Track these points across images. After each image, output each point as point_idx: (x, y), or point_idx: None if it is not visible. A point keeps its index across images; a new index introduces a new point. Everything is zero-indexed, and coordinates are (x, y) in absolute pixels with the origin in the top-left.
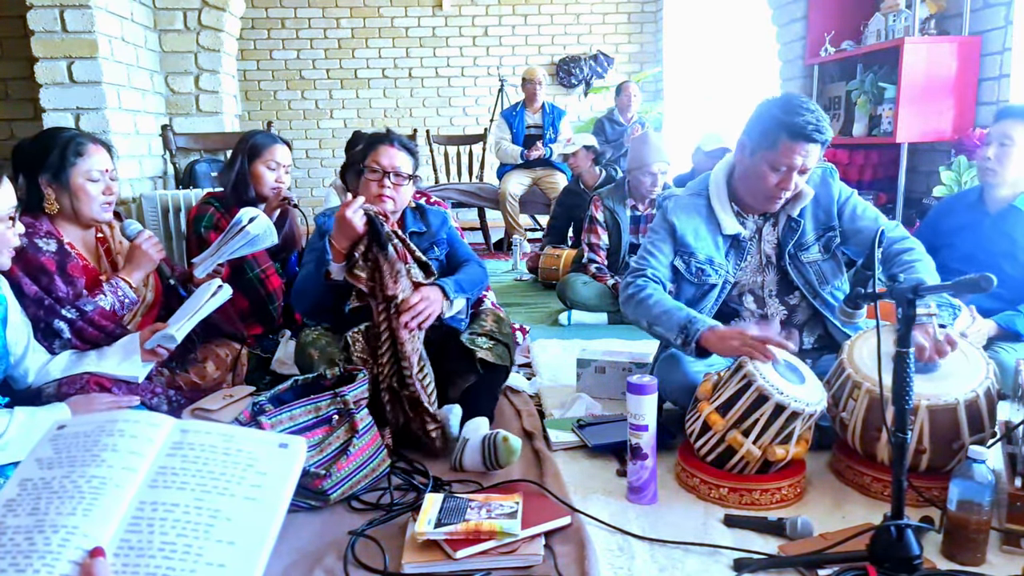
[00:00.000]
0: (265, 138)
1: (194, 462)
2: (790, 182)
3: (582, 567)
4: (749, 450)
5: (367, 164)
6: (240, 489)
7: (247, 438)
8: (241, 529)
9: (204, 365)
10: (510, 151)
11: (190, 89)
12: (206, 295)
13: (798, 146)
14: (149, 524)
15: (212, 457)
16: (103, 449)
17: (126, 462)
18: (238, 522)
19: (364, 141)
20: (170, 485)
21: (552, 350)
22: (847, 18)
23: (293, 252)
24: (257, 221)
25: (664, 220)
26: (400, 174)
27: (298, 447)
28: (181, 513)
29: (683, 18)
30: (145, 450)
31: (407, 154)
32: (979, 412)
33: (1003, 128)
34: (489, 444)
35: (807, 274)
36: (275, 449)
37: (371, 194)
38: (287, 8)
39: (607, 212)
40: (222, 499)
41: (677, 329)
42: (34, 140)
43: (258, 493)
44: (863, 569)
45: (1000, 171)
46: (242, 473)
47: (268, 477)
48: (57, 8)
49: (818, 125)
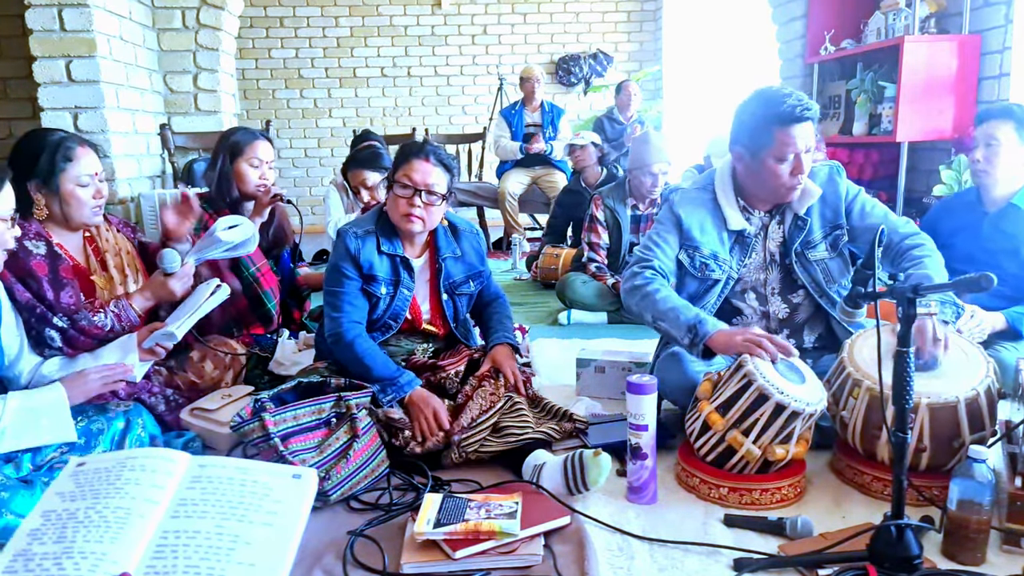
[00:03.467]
0: (245, 135)
1: (212, 493)
2: (802, 165)
3: (582, 567)
4: (749, 450)
5: (398, 178)
6: (257, 516)
7: (262, 470)
8: (260, 553)
9: (202, 364)
10: (509, 147)
11: (188, 88)
12: (205, 294)
13: (792, 129)
14: (173, 550)
15: (229, 488)
16: (125, 483)
17: (148, 494)
18: (257, 546)
19: (396, 155)
20: (191, 515)
21: (551, 350)
22: (847, 17)
23: (284, 248)
24: (237, 228)
25: (671, 212)
26: (433, 192)
27: (310, 477)
28: (203, 539)
29: (683, 16)
30: (165, 483)
31: (443, 170)
32: (979, 410)
33: (986, 130)
34: (573, 463)
35: (814, 272)
36: (289, 479)
37: (399, 212)
38: (286, 7)
39: (608, 211)
40: (240, 525)
41: (685, 329)
42: (21, 144)
43: (274, 519)
44: (863, 569)
45: (991, 171)
46: (259, 502)
47: (283, 504)
48: (55, 7)
49: (802, 103)
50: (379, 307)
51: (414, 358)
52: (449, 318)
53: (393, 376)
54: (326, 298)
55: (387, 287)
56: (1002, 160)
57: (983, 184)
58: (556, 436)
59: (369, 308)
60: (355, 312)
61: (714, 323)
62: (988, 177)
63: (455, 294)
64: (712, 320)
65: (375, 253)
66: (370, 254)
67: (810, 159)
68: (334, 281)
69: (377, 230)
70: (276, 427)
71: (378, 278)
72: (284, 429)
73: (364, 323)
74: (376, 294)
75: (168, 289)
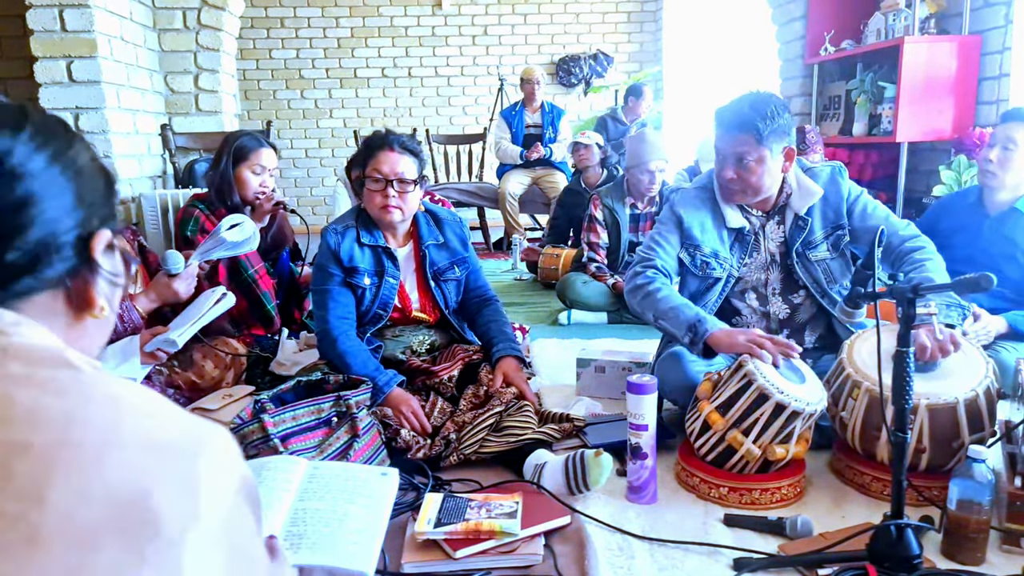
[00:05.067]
0: (251, 141)
1: (325, 484)
2: (729, 171)
3: (582, 567)
4: (749, 449)
5: (368, 173)
6: (359, 500)
7: (360, 470)
8: (363, 525)
9: (203, 364)
10: (510, 151)
11: (189, 88)
12: (209, 302)
13: (721, 132)
14: (303, 521)
15: (337, 481)
16: (264, 480)
17: (281, 486)
18: (360, 520)
19: (360, 151)
20: (312, 498)
21: (552, 350)
22: (847, 17)
23: (284, 250)
24: (239, 227)
25: (671, 212)
26: (404, 180)
27: (394, 475)
28: (322, 514)
29: (683, 17)
30: (292, 478)
31: (410, 156)
32: (979, 411)
33: (1008, 131)
34: (575, 463)
35: (815, 272)
36: (379, 476)
37: (375, 205)
38: (286, 7)
39: (606, 211)
40: (348, 506)
41: (685, 327)
42: None
43: (370, 503)
44: (863, 569)
45: (1001, 174)
46: (359, 489)
47: (376, 493)
48: (56, 7)
49: (737, 112)
50: (365, 299)
51: (410, 360)
52: (440, 304)
53: (372, 376)
54: (313, 296)
55: (371, 278)
56: (1015, 164)
57: (988, 186)
58: (557, 436)
59: (356, 301)
60: (340, 308)
61: (714, 322)
62: (995, 179)
63: (441, 280)
64: (712, 319)
65: (355, 246)
66: (350, 247)
67: (750, 175)
68: (319, 280)
69: (357, 224)
70: (275, 428)
71: (360, 269)
72: (284, 430)
73: (351, 319)
74: (360, 285)
75: (172, 290)
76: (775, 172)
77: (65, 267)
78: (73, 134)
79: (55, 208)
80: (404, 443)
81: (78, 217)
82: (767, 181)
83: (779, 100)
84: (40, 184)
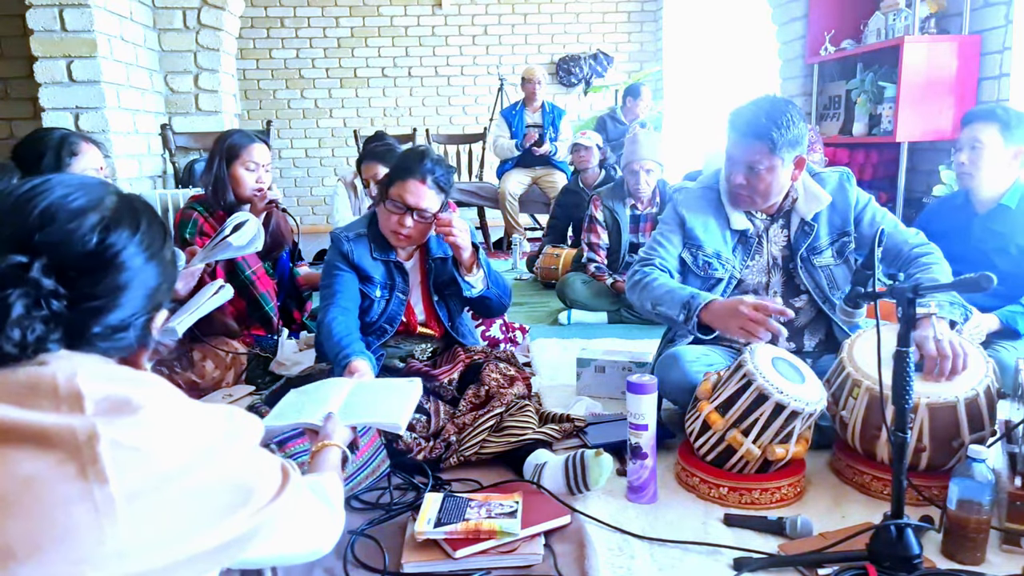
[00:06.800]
0: (242, 138)
1: (370, 388)
2: (740, 176)
3: (582, 566)
4: (749, 449)
5: (391, 195)
6: (395, 393)
7: (393, 380)
8: (397, 403)
9: (203, 364)
10: (506, 144)
11: (189, 88)
12: (208, 293)
13: (735, 138)
14: (355, 403)
15: (378, 386)
16: (322, 385)
17: (338, 387)
18: (395, 401)
19: (394, 166)
20: (360, 394)
21: (552, 349)
22: (847, 17)
23: (283, 250)
24: (243, 230)
25: (674, 212)
26: (424, 213)
27: (418, 382)
28: (367, 399)
29: (683, 17)
30: (343, 386)
31: (437, 191)
32: (979, 410)
33: (972, 132)
34: (575, 463)
35: (817, 277)
36: (407, 383)
37: (388, 226)
38: (286, 7)
39: (607, 211)
40: (385, 392)
41: (680, 306)
42: (25, 144)
43: (402, 395)
44: (863, 568)
45: (976, 174)
46: (394, 387)
47: (404, 388)
48: (56, 7)
49: (752, 120)
50: (373, 310)
51: (411, 363)
52: (444, 320)
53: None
54: (321, 292)
55: (382, 291)
56: (986, 163)
57: (968, 187)
58: (557, 436)
59: (363, 310)
60: (344, 299)
61: (707, 296)
62: (972, 180)
63: (446, 294)
64: (705, 294)
65: (368, 257)
66: (362, 257)
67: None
68: (329, 276)
69: (369, 234)
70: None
71: (374, 280)
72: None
73: (353, 312)
74: (371, 296)
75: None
76: (784, 180)
77: (127, 343)
78: (165, 227)
79: (139, 298)
80: (405, 445)
81: (151, 304)
82: (776, 189)
83: (795, 108)
84: (135, 276)
